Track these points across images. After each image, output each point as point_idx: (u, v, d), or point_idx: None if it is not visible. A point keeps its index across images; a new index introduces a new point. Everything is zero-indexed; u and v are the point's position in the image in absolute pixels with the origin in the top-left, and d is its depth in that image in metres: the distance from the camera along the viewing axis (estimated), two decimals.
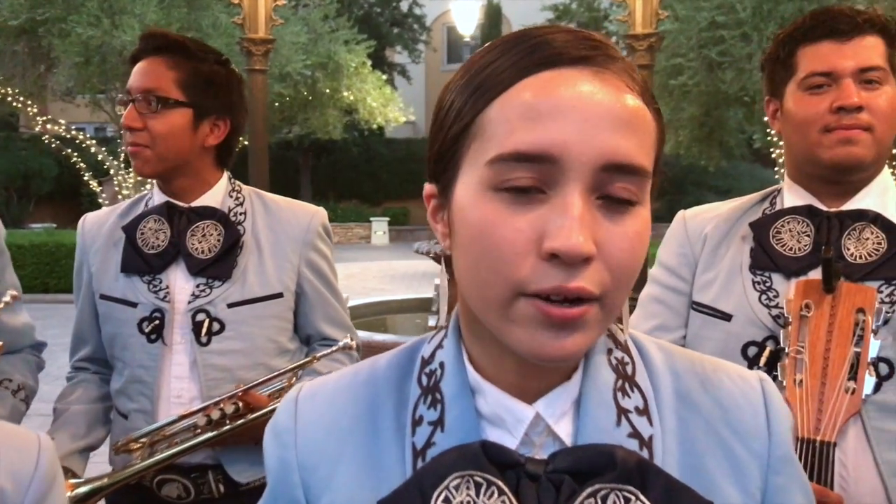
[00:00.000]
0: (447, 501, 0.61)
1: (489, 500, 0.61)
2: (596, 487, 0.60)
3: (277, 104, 14.53)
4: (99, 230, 1.68)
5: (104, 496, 1.50)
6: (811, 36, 1.30)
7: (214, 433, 1.52)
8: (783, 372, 1.17)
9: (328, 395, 0.74)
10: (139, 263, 1.60)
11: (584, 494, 0.60)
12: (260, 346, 1.62)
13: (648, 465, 0.62)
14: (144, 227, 1.62)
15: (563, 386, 0.66)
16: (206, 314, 1.58)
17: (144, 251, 1.60)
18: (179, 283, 1.61)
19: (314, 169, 22.96)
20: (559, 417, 0.65)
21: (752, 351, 1.30)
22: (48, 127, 12.96)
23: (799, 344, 1.17)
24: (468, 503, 0.61)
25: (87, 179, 13.44)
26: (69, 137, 13.05)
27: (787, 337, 1.19)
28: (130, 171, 12.55)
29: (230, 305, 1.59)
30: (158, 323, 1.57)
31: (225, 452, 1.60)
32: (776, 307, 1.30)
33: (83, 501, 1.45)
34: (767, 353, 1.27)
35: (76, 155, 13.21)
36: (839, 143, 1.26)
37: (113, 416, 1.69)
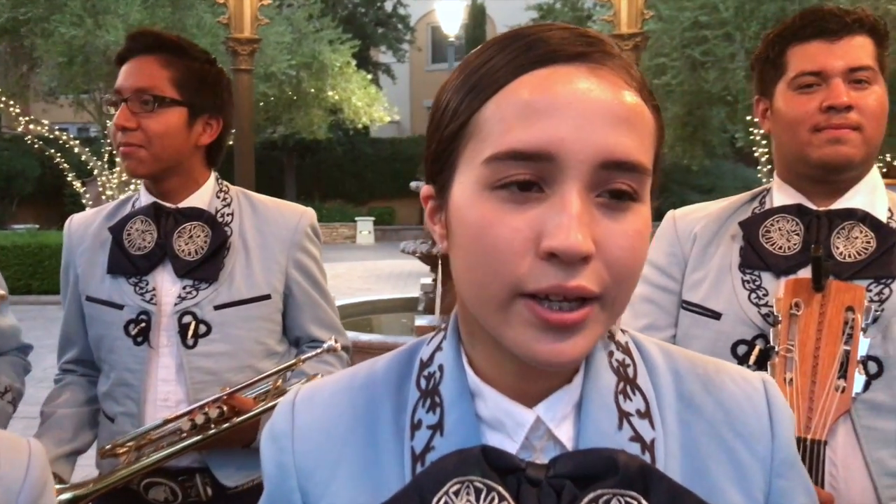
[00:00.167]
0: None
1: None
2: (598, 493, 0.60)
3: (262, 104, 14.46)
4: (85, 231, 1.67)
5: (90, 501, 1.48)
6: (801, 35, 1.31)
7: (200, 437, 1.50)
8: (773, 371, 1.18)
9: (326, 398, 0.73)
10: (126, 265, 1.58)
11: (585, 500, 0.60)
12: (247, 348, 1.61)
13: (651, 469, 0.61)
14: (131, 228, 1.61)
15: (563, 389, 0.65)
16: (192, 316, 1.57)
17: (131, 252, 1.59)
18: (166, 284, 1.59)
19: (299, 169, 22.86)
20: (560, 421, 0.65)
21: (741, 349, 1.30)
22: (31, 127, 12.82)
23: (789, 342, 1.17)
24: None
25: (70, 180, 13.31)
26: (52, 138, 12.92)
27: (776, 335, 1.19)
28: (114, 171, 12.44)
29: (217, 307, 1.58)
30: (145, 325, 1.56)
31: (212, 456, 1.59)
32: (766, 306, 1.30)
33: None
34: (757, 351, 1.28)
35: (59, 155, 13.08)
36: (828, 142, 1.27)
37: (100, 418, 1.67)
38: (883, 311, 1.24)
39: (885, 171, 9.33)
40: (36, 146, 13.30)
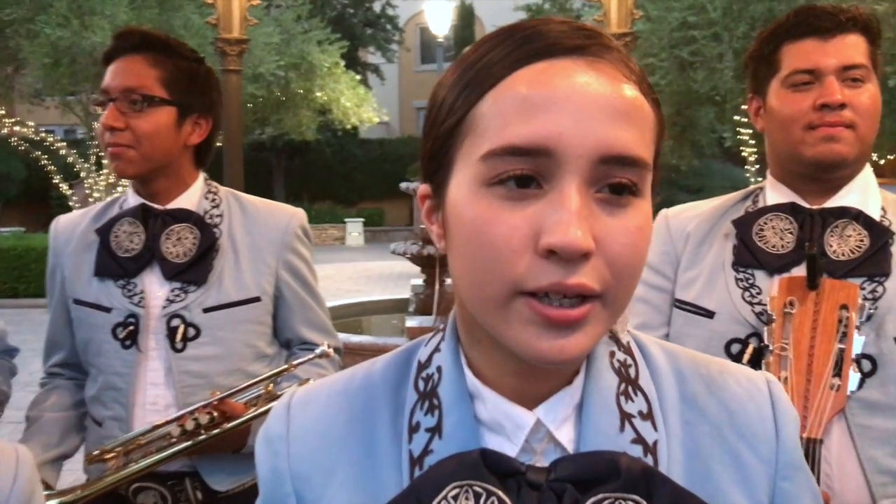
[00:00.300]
0: None
1: None
2: (600, 497, 0.58)
3: (250, 105, 14.40)
4: (72, 233, 1.64)
5: None
6: (795, 33, 1.30)
7: (190, 443, 1.49)
8: (768, 369, 1.17)
9: (322, 401, 0.71)
10: (113, 267, 1.56)
11: None
12: (237, 351, 1.59)
13: (654, 472, 0.60)
14: (118, 229, 1.58)
15: (564, 390, 0.64)
16: (181, 319, 1.55)
17: (118, 254, 1.57)
18: (154, 287, 1.57)
19: (287, 170, 22.79)
20: (560, 423, 0.63)
21: (735, 348, 1.30)
22: (16, 129, 12.71)
23: (783, 341, 1.17)
24: None
25: (56, 182, 13.22)
26: (38, 140, 12.82)
27: (771, 334, 1.19)
28: (102, 173, 12.36)
29: (206, 310, 1.56)
30: (133, 329, 1.54)
31: (202, 461, 1.57)
32: (759, 304, 1.30)
33: None
34: (751, 350, 1.27)
35: (45, 157, 12.99)
36: (822, 140, 1.27)
37: (87, 422, 1.65)
38: (876, 309, 1.24)
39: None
40: (22, 148, 13.20)
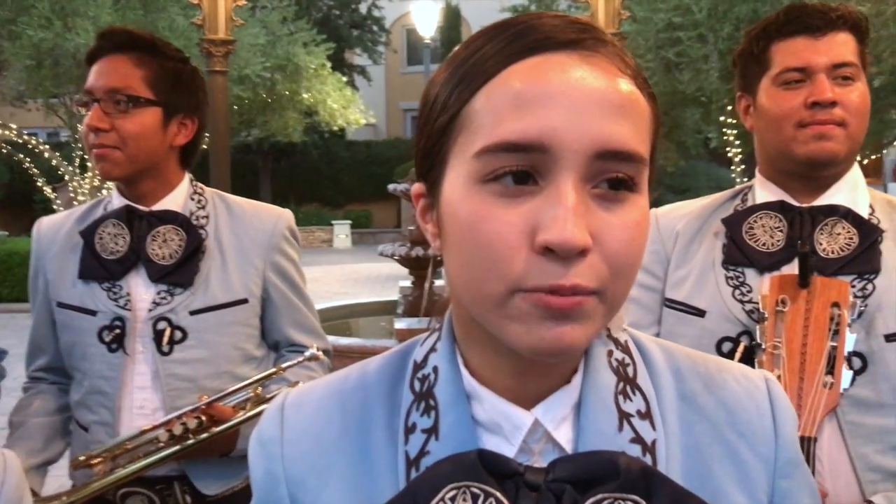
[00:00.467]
0: None
1: None
2: (599, 497, 0.58)
3: (236, 107, 14.32)
4: (55, 235, 1.62)
5: None
6: (785, 31, 1.31)
7: (178, 447, 1.47)
8: (761, 367, 1.17)
9: (316, 402, 0.70)
10: (98, 269, 1.54)
11: None
12: (224, 354, 1.57)
13: (653, 472, 0.59)
14: (103, 231, 1.56)
15: (562, 390, 0.63)
16: (167, 322, 1.53)
17: (103, 257, 1.55)
18: (140, 290, 1.56)
19: (274, 172, 22.68)
20: (559, 423, 0.63)
21: (726, 346, 1.30)
22: None
23: (776, 339, 1.17)
24: None
25: (40, 186, 13.10)
26: (21, 143, 12.70)
27: (763, 332, 1.19)
28: (86, 176, 12.27)
29: (192, 313, 1.55)
30: (119, 332, 1.52)
31: (190, 465, 1.55)
32: (750, 302, 1.30)
33: None
34: (742, 348, 1.27)
35: (28, 161, 12.87)
36: (813, 138, 1.27)
37: (73, 427, 1.63)
38: (866, 306, 1.24)
39: None
40: (4, 151, 13.06)
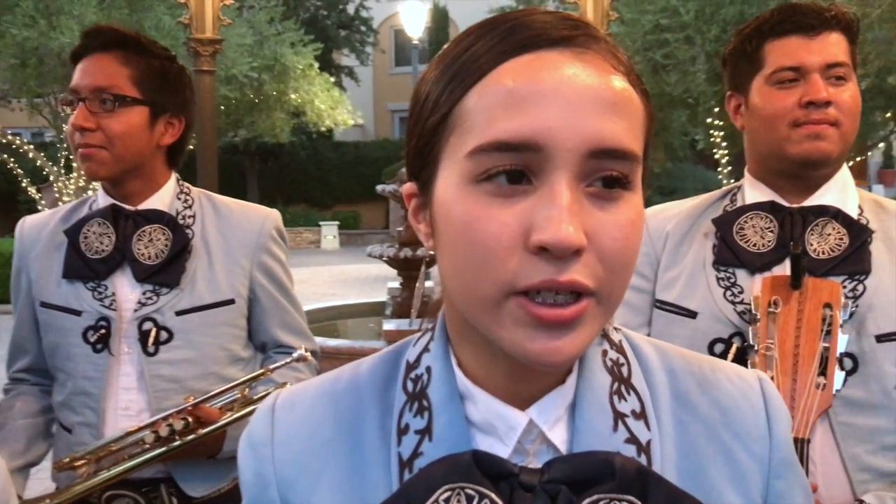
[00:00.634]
0: None
1: None
2: (594, 498, 0.57)
3: (223, 107, 14.25)
4: (39, 234, 1.60)
5: None
6: (779, 30, 1.30)
7: (164, 449, 1.45)
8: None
9: (307, 403, 0.69)
10: (82, 269, 1.52)
11: None
12: (211, 354, 1.56)
13: (648, 472, 0.59)
14: (88, 231, 1.55)
15: (557, 390, 0.63)
16: (153, 323, 1.52)
17: (88, 256, 1.53)
18: (125, 290, 1.54)
19: (261, 173, 22.60)
20: (553, 423, 0.62)
21: (718, 348, 1.30)
22: None
23: (768, 341, 1.17)
24: None
25: (24, 186, 12.99)
26: (5, 143, 12.58)
27: (755, 334, 1.19)
28: (71, 177, 12.17)
29: (179, 313, 1.53)
30: (104, 332, 1.50)
31: (177, 467, 1.54)
32: (741, 303, 1.30)
33: None
34: (734, 350, 1.27)
35: (13, 161, 12.76)
36: (808, 137, 1.27)
37: (55, 429, 1.61)
38: (857, 307, 1.24)
39: None
40: None
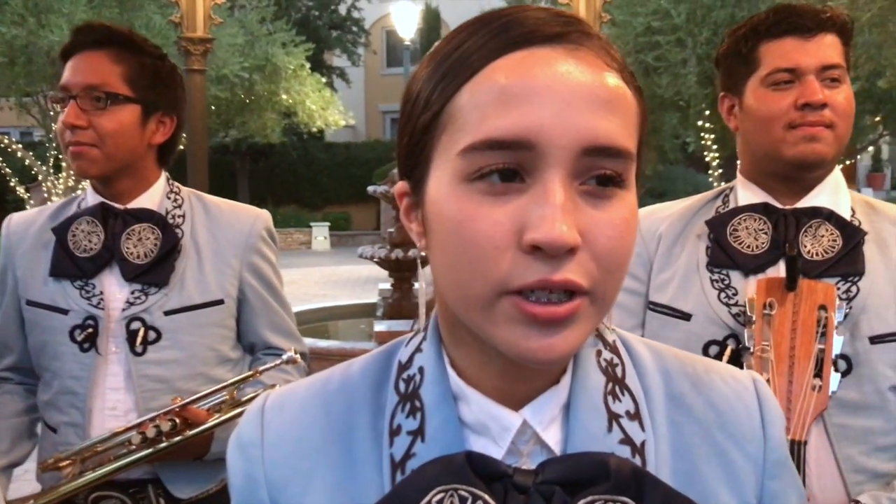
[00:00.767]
0: None
1: None
2: (589, 499, 0.57)
3: (214, 107, 14.19)
4: (26, 231, 1.58)
5: None
6: (774, 31, 1.30)
7: (150, 450, 1.44)
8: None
9: (298, 404, 0.68)
10: (70, 267, 1.51)
11: None
12: (199, 355, 1.55)
13: (644, 474, 0.59)
14: (76, 229, 1.53)
15: (551, 390, 0.62)
16: (141, 322, 1.50)
17: (76, 254, 1.51)
18: (113, 289, 1.52)
19: (252, 173, 22.52)
20: (547, 424, 0.62)
21: (713, 350, 1.29)
22: None
23: (764, 343, 1.16)
24: None
25: (13, 185, 12.91)
26: None
27: (751, 336, 1.18)
28: (60, 176, 12.10)
29: (167, 313, 1.52)
30: (91, 331, 1.49)
31: (164, 468, 1.52)
32: (736, 305, 1.29)
33: None
34: (729, 352, 1.26)
35: (1, 160, 12.68)
36: (804, 139, 1.27)
37: (40, 429, 1.59)
38: (851, 308, 1.24)
39: None
40: None
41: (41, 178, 12.42)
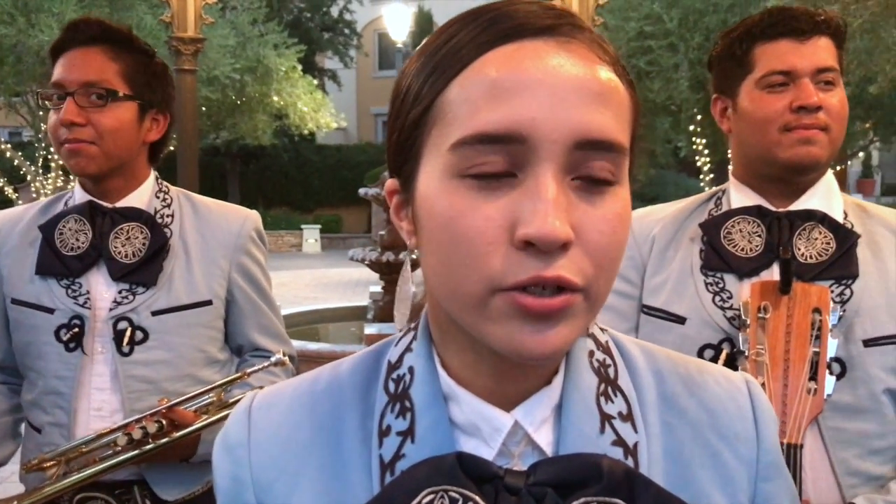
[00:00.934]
0: None
1: None
2: (581, 501, 0.56)
3: (204, 109, 14.14)
4: (12, 229, 1.56)
5: None
6: (770, 33, 1.30)
7: (136, 452, 1.42)
8: None
9: (285, 404, 0.67)
10: (56, 265, 1.49)
11: None
12: (186, 356, 1.53)
13: (636, 475, 0.58)
14: (64, 227, 1.51)
15: (542, 391, 0.61)
16: (128, 322, 1.49)
17: (63, 253, 1.49)
18: (100, 288, 1.51)
19: (243, 175, 22.47)
20: (539, 425, 0.61)
21: (708, 354, 1.29)
22: None
23: (758, 346, 1.15)
24: None
25: (1, 186, 12.83)
26: None
27: (745, 339, 1.18)
28: (49, 176, 12.02)
29: (155, 313, 1.50)
30: (77, 331, 1.47)
31: (149, 469, 1.51)
32: (730, 308, 1.29)
33: None
34: (724, 355, 1.25)
35: None
36: (798, 142, 1.26)
37: (24, 429, 1.57)
38: (845, 311, 1.24)
39: None
40: None
41: (30, 178, 12.34)
